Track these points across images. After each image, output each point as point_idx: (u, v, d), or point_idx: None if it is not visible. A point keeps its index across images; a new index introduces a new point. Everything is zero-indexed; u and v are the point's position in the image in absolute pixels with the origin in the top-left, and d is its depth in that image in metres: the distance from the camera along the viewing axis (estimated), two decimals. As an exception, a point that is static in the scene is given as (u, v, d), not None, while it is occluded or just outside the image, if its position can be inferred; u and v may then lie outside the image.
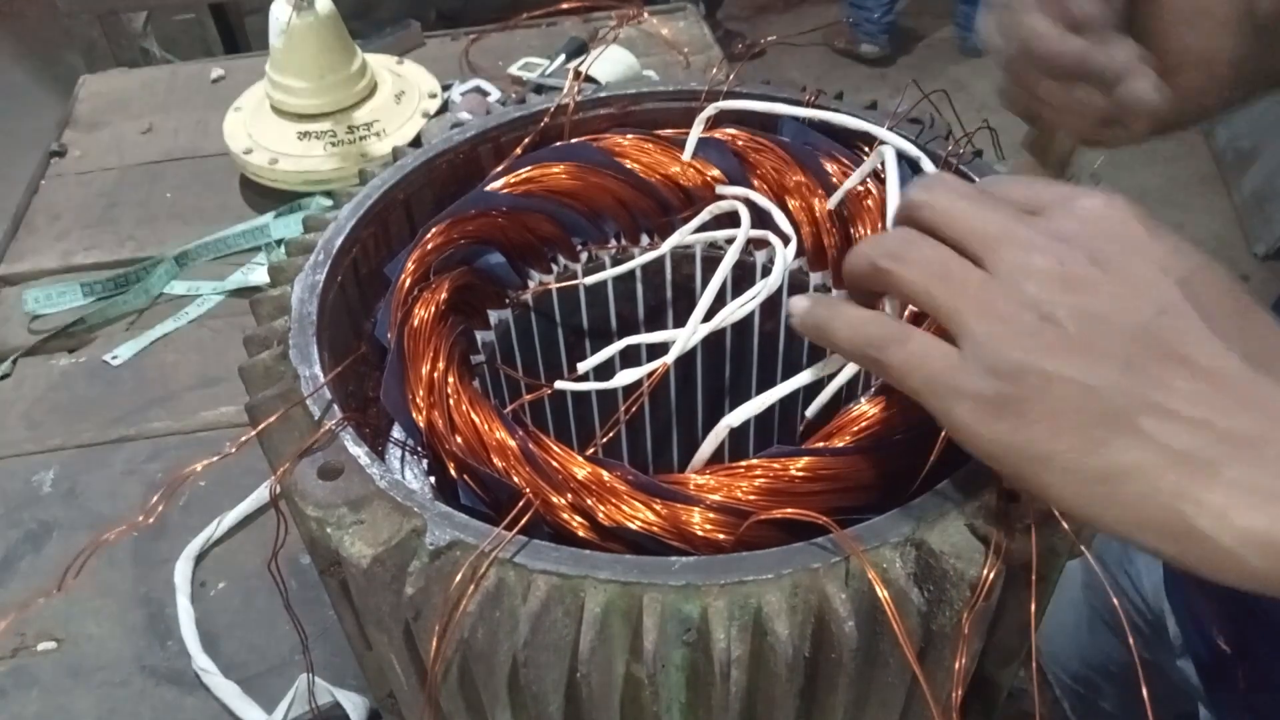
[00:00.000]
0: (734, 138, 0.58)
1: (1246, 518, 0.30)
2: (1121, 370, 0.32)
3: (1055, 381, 0.32)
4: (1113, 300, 0.32)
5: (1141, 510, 0.31)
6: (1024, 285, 0.33)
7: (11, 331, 0.99)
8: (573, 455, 0.43)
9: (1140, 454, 0.31)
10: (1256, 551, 0.30)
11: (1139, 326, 0.32)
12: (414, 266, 0.52)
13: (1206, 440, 0.31)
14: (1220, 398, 0.31)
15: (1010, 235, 0.34)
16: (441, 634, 0.37)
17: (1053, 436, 0.32)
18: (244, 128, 1.13)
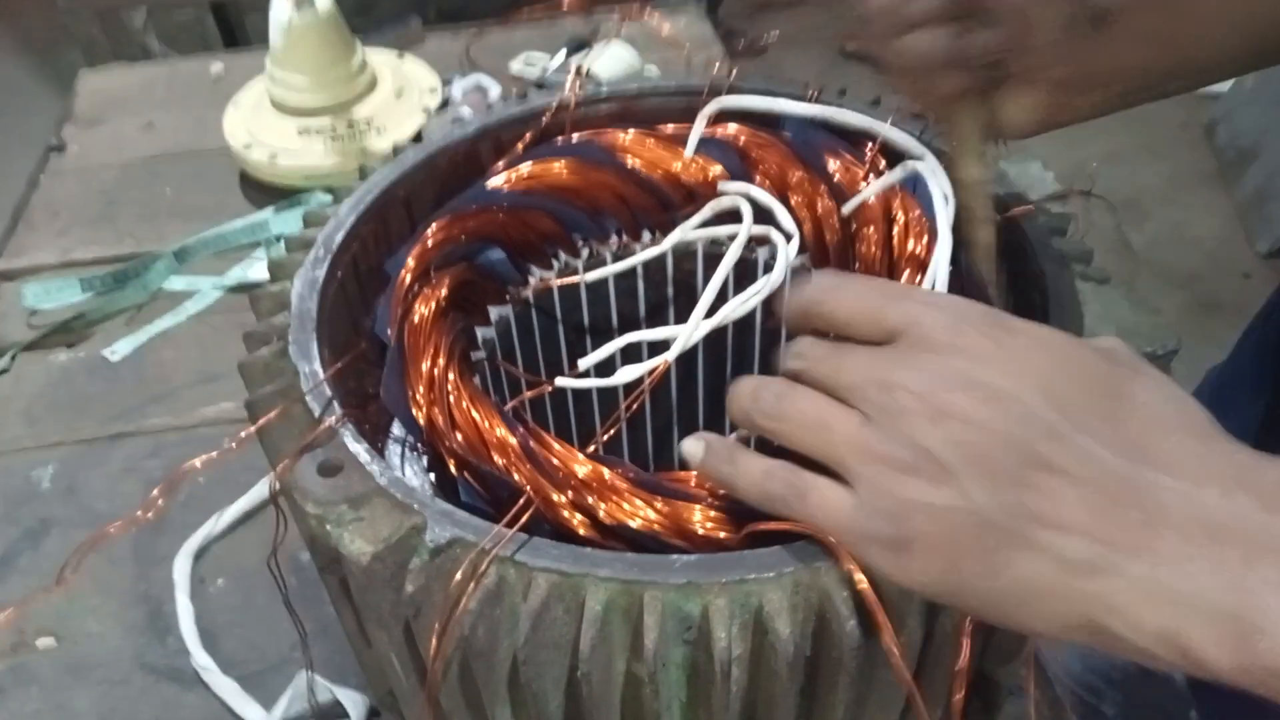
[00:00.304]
0: (736, 134, 0.58)
1: (1153, 620, 0.30)
2: (1003, 489, 0.32)
3: (942, 513, 0.33)
4: (979, 424, 0.33)
5: (1063, 618, 0.32)
6: (895, 425, 0.34)
7: (10, 327, 0.99)
8: (573, 453, 0.43)
9: (1041, 567, 0.31)
10: (1169, 649, 0.30)
11: (1008, 444, 0.32)
12: (414, 263, 0.51)
13: (1099, 545, 0.31)
14: (1099, 502, 0.31)
15: (871, 379, 0.35)
16: (441, 632, 0.37)
17: (956, 566, 0.33)
18: (244, 124, 1.12)
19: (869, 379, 0.35)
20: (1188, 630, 0.29)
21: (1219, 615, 0.29)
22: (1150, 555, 0.30)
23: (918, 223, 0.53)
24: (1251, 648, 0.28)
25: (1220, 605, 0.29)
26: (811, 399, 0.37)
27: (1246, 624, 0.28)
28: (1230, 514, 0.30)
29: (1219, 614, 0.29)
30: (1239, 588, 0.29)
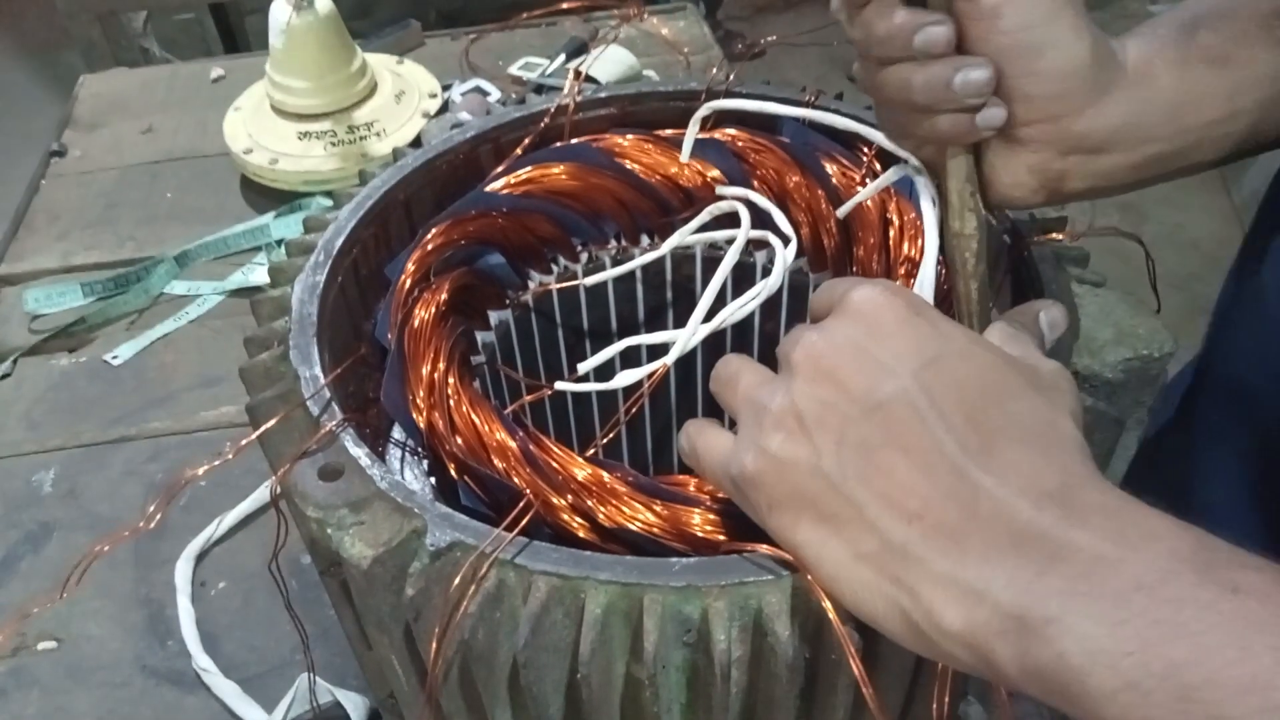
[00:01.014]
0: (734, 138, 0.58)
1: (949, 616, 0.31)
2: (847, 458, 0.33)
3: (789, 466, 0.34)
4: (849, 391, 0.34)
5: (875, 600, 0.33)
6: (783, 380, 0.36)
7: (11, 331, 0.99)
8: (573, 456, 0.43)
9: (868, 544, 0.33)
10: (962, 648, 0.31)
11: (866, 413, 0.33)
12: (414, 267, 0.52)
13: (919, 533, 0.32)
14: (933, 489, 0.32)
15: (793, 340, 0.37)
16: (442, 635, 0.37)
17: (795, 525, 0.34)
18: (244, 128, 1.13)
19: (792, 338, 0.37)
20: (983, 630, 0.30)
21: (1008, 617, 0.29)
22: (957, 553, 0.31)
23: (913, 225, 0.53)
24: (1033, 650, 0.29)
25: (1010, 608, 0.29)
26: (742, 361, 0.40)
27: (1029, 626, 0.29)
28: (1035, 525, 0.30)
29: (1008, 616, 0.29)
30: (1028, 592, 0.29)
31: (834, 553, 0.34)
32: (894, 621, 0.33)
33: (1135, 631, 0.27)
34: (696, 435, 0.40)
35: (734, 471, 0.37)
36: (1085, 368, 0.42)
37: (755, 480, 0.35)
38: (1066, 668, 0.28)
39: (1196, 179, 1.49)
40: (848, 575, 0.33)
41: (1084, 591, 0.28)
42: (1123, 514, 0.30)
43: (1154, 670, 0.26)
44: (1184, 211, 2.51)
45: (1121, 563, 0.28)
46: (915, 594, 0.32)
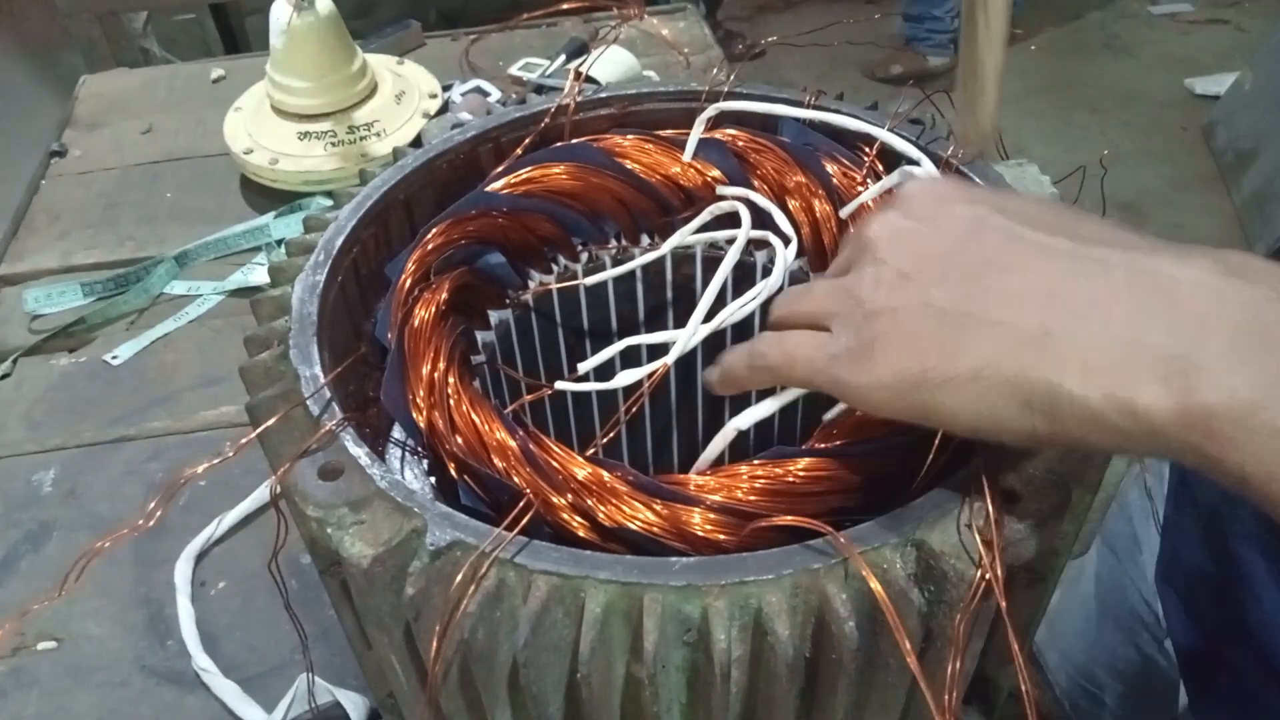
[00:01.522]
0: (734, 138, 0.58)
1: (1103, 375, 0.31)
2: (958, 283, 0.35)
3: (901, 312, 0.35)
4: (932, 236, 0.36)
5: (1017, 393, 0.32)
6: (869, 255, 0.38)
7: (12, 331, 0.99)
8: (573, 456, 0.43)
9: (998, 343, 0.33)
10: (1117, 407, 0.30)
11: (962, 246, 0.35)
12: (414, 267, 0.52)
13: (1053, 312, 0.32)
14: (1054, 276, 0.33)
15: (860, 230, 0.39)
16: (442, 634, 0.37)
17: (918, 359, 0.35)
18: (244, 128, 1.13)
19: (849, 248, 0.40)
20: (1135, 377, 0.30)
21: (1164, 358, 0.30)
22: (1101, 314, 0.31)
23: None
24: (1193, 386, 0.29)
25: (1166, 349, 0.30)
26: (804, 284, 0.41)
27: (1190, 363, 0.29)
28: (1185, 278, 0.31)
29: (1164, 356, 0.30)
30: (1185, 334, 0.30)
31: (964, 365, 0.33)
32: (1034, 412, 0.32)
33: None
34: (778, 338, 0.41)
35: (843, 344, 0.37)
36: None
37: (869, 340, 0.36)
38: (1237, 404, 0.28)
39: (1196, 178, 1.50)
40: (982, 382, 0.33)
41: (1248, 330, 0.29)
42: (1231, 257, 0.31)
43: None
44: (1184, 212, 2.51)
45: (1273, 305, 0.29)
46: (1059, 367, 0.31)
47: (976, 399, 0.34)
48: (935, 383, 0.34)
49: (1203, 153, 2.68)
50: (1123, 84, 3.02)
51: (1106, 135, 2.79)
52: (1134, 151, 2.70)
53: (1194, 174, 2.62)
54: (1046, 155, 0.56)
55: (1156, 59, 3.12)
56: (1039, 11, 3.40)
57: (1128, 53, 3.24)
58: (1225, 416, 0.28)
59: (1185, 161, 2.66)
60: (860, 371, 0.36)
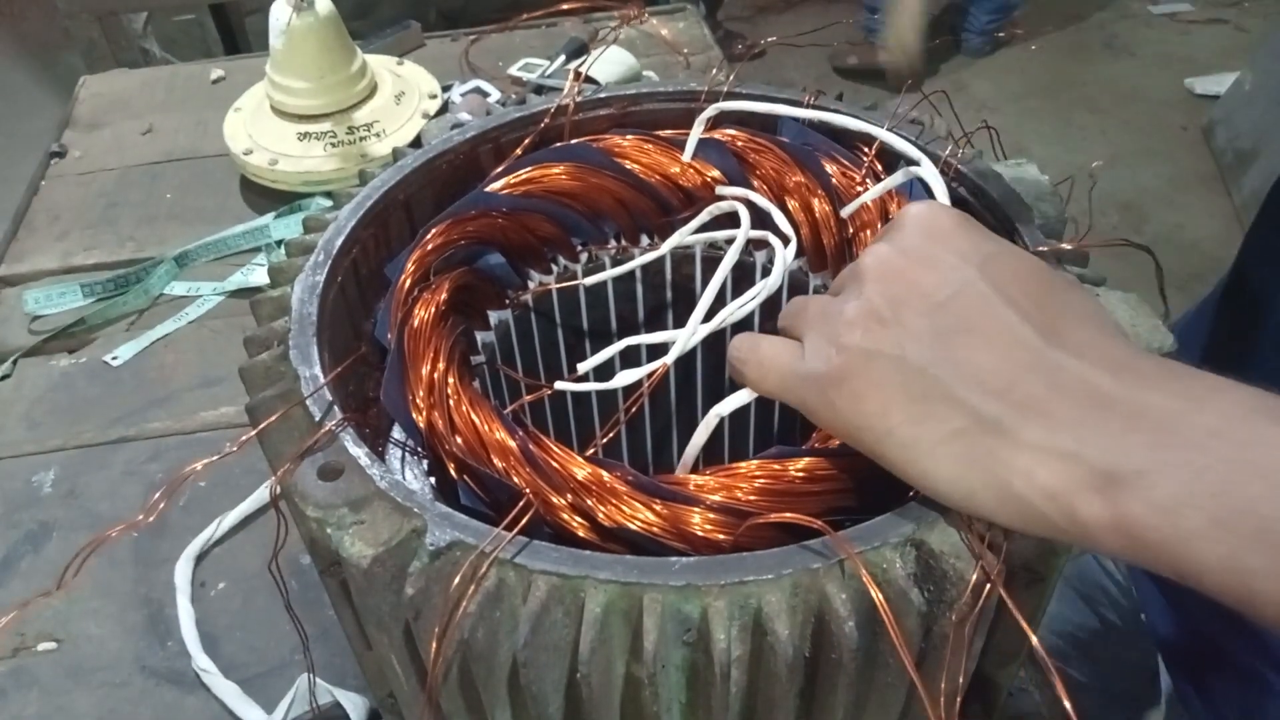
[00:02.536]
0: (734, 138, 0.59)
1: (1042, 478, 0.33)
2: (930, 344, 0.36)
3: (874, 357, 0.36)
4: (917, 284, 0.37)
5: (970, 476, 0.35)
6: (858, 287, 0.38)
7: (11, 332, 0.99)
8: (573, 456, 0.43)
9: (959, 421, 0.35)
10: (1058, 510, 0.33)
11: (941, 304, 0.36)
12: (414, 267, 0.52)
13: (1008, 407, 0.34)
14: (1012, 370, 0.34)
15: (860, 258, 0.40)
16: (441, 634, 0.37)
17: (883, 416, 0.36)
18: (244, 128, 1.13)
19: (847, 267, 0.40)
20: (1073, 488, 0.32)
21: (1100, 474, 0.32)
22: (1047, 420, 0.33)
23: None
24: (1123, 501, 0.31)
25: (1099, 463, 0.32)
26: (811, 295, 0.43)
27: (1120, 479, 0.31)
28: (1115, 392, 0.33)
29: (1100, 473, 0.32)
30: (1115, 449, 0.32)
31: (927, 434, 0.35)
32: (986, 494, 0.34)
33: (1217, 475, 0.30)
34: (753, 345, 0.41)
35: (813, 369, 0.38)
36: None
37: (839, 375, 0.37)
38: (1157, 511, 0.30)
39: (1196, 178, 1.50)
40: (940, 454, 0.35)
41: (1166, 444, 0.31)
42: (1185, 376, 0.33)
43: (1236, 507, 0.29)
44: (1184, 212, 2.51)
45: (1197, 414, 0.31)
46: (1009, 464, 0.34)
47: (936, 469, 0.35)
48: (897, 441, 0.36)
49: (1203, 152, 2.68)
50: (1123, 84, 3.02)
51: (1106, 135, 2.80)
52: (1134, 151, 2.70)
53: (1194, 174, 2.62)
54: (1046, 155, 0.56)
55: (1156, 59, 3.12)
56: (1039, 11, 3.40)
57: (1128, 53, 3.24)
58: (1148, 524, 0.31)
59: (1185, 161, 2.66)
60: (827, 404, 0.38)
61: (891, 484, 0.42)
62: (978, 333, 0.35)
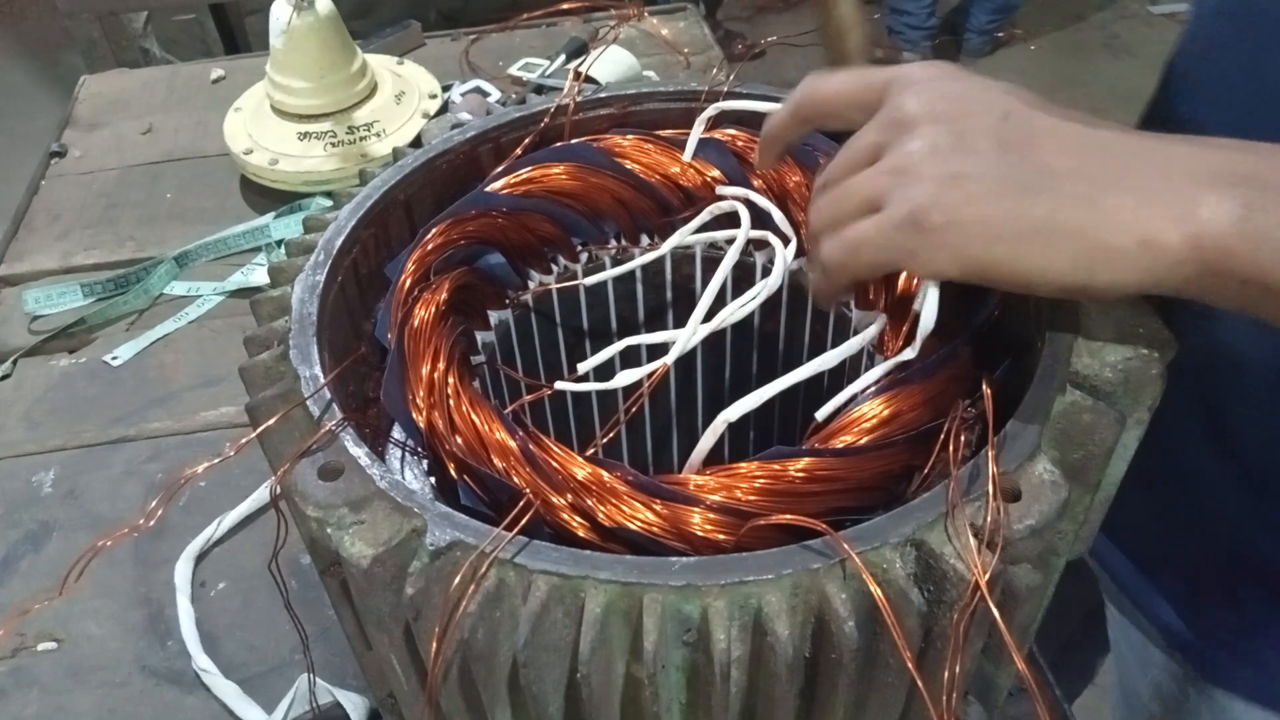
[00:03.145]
0: (734, 138, 0.59)
1: (1133, 225, 0.38)
2: (1001, 156, 0.40)
3: (958, 178, 0.39)
4: (968, 116, 0.40)
5: (1067, 248, 0.39)
6: (910, 131, 0.41)
7: (11, 332, 0.99)
8: (573, 456, 0.43)
9: (1049, 204, 0.39)
10: (1145, 250, 0.38)
11: (995, 126, 0.40)
12: (414, 267, 0.52)
13: (1084, 181, 0.39)
14: (1078, 150, 0.39)
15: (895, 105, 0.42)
16: (441, 634, 0.37)
17: (983, 221, 0.39)
18: (244, 128, 1.13)
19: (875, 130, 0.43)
20: (1154, 225, 0.37)
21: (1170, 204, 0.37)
22: (1121, 180, 0.38)
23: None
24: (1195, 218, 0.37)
25: (1177, 199, 0.37)
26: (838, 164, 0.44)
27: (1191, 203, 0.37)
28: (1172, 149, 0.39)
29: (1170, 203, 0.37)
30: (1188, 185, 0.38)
31: (1025, 226, 0.39)
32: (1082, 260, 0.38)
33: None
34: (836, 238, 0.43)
35: (905, 215, 0.40)
36: (1085, 367, 0.42)
37: (931, 206, 0.39)
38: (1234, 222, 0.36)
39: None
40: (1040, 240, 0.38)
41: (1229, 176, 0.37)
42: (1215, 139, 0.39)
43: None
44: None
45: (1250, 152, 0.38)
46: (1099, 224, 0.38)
47: (1033, 254, 0.39)
48: (999, 238, 0.39)
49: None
50: (1123, 84, 3.02)
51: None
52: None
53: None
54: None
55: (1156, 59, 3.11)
56: (1039, 11, 3.40)
57: (1128, 53, 3.24)
58: (1222, 232, 0.36)
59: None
60: (924, 233, 0.40)
61: (891, 485, 0.42)
62: (1037, 138, 0.40)
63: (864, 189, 0.42)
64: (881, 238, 0.41)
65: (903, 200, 0.40)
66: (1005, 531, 0.36)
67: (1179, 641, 0.73)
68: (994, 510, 0.37)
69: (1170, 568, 0.72)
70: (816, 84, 0.46)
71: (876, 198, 0.41)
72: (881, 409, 0.44)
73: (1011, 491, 0.38)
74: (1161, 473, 0.68)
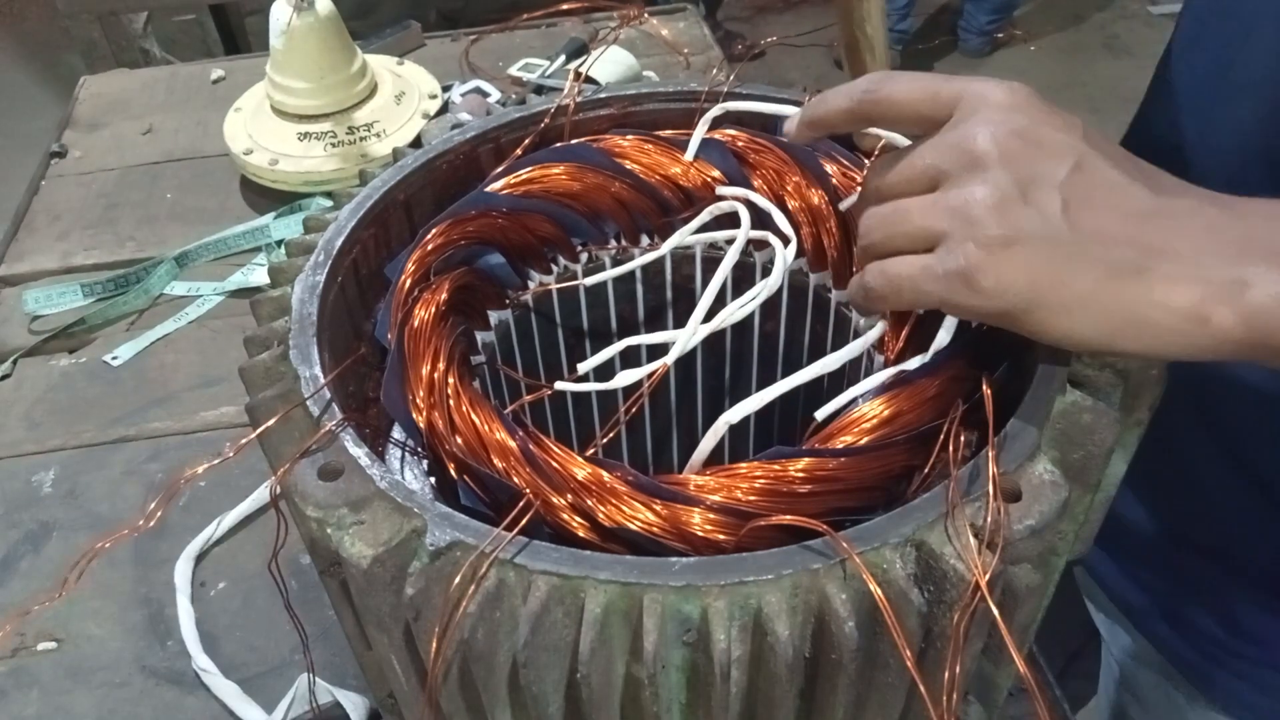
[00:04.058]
0: (734, 138, 0.59)
1: (1182, 300, 0.37)
2: (1063, 217, 0.38)
3: (1016, 240, 0.38)
4: (1039, 163, 0.39)
5: (1112, 318, 0.38)
6: (978, 172, 0.39)
7: (11, 332, 0.99)
8: (573, 456, 0.43)
9: (1097, 274, 0.38)
10: (1195, 326, 0.37)
11: (1065, 180, 0.39)
12: (414, 267, 0.52)
13: (1138, 252, 0.38)
14: (1137, 219, 0.38)
15: (941, 153, 0.41)
16: (441, 635, 0.37)
17: (1031, 284, 0.38)
18: (244, 128, 1.13)
19: (940, 153, 0.41)
20: (1206, 301, 0.37)
21: (1226, 283, 0.37)
22: (1174, 255, 0.38)
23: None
24: (1248, 298, 0.36)
25: (1226, 277, 0.37)
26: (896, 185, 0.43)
27: (1244, 283, 0.37)
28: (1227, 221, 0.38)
29: (1226, 282, 0.37)
30: (1237, 263, 0.37)
31: (1071, 294, 0.38)
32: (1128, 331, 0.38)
33: None
34: (880, 269, 0.42)
35: (955, 266, 0.39)
36: (1085, 367, 0.42)
37: (983, 264, 0.38)
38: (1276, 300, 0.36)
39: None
40: (1084, 308, 0.38)
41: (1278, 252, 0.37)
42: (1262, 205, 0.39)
43: None
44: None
45: None
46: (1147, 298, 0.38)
47: (1072, 321, 0.38)
48: (1043, 305, 0.38)
49: (1203, 153, 2.67)
50: (1123, 84, 3.02)
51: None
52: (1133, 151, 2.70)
53: (1194, 174, 2.62)
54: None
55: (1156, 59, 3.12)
56: (1039, 12, 3.40)
57: (1128, 53, 3.24)
58: (1271, 310, 0.36)
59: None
60: (971, 292, 0.39)
61: (891, 485, 0.42)
62: (1101, 196, 0.39)
63: (919, 221, 0.41)
64: (927, 284, 0.40)
65: (955, 254, 0.39)
66: (1005, 532, 0.36)
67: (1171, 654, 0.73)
68: (994, 510, 0.37)
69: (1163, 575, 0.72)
70: (884, 84, 0.44)
71: (931, 236, 0.40)
72: (881, 409, 0.44)
73: (1011, 492, 0.38)
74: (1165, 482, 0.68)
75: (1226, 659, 0.68)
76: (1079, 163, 0.39)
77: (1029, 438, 0.40)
